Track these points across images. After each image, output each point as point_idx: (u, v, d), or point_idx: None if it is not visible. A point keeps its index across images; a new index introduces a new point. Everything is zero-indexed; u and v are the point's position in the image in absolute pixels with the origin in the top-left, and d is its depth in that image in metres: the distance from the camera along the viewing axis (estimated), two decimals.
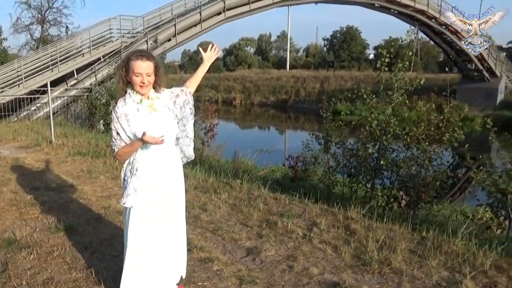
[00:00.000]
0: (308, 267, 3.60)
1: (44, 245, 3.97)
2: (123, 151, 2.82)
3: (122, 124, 2.76)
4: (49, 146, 9.39)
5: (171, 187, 2.92)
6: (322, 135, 7.42)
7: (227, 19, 22.34)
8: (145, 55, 2.78)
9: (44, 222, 4.64)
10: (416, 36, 49.22)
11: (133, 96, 2.81)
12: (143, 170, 2.81)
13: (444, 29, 30.76)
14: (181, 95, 3.00)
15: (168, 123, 2.88)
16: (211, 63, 3.26)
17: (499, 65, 34.72)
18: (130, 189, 2.80)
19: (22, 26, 35.19)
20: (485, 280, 3.46)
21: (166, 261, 2.93)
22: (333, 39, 69.06)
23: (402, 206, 6.15)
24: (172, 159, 2.96)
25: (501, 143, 6.20)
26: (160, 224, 2.87)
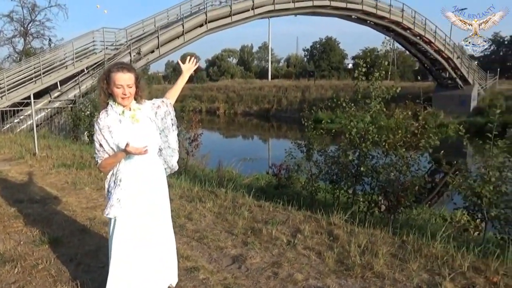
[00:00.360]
0: (293, 273, 3.60)
1: (28, 258, 3.87)
2: (107, 163, 2.79)
3: (105, 135, 2.75)
4: (33, 159, 9.20)
5: (155, 197, 2.90)
6: (304, 143, 7.45)
7: (209, 31, 22.43)
8: (126, 67, 2.78)
9: (28, 235, 4.53)
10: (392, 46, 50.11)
11: (115, 107, 2.80)
12: (126, 180, 2.80)
13: (419, 40, 31.51)
14: (162, 106, 2.99)
15: (151, 133, 2.87)
16: (190, 74, 3.29)
17: (471, 73, 35.57)
18: (114, 200, 2.78)
19: (4, 39, 34.67)
20: (463, 281, 3.49)
21: (150, 271, 2.90)
22: (313, 50, 69.81)
23: (382, 211, 6.21)
24: (155, 169, 2.94)
25: (475, 148, 6.30)
26: (144, 234, 2.85)
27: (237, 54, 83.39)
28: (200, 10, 22.23)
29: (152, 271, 2.91)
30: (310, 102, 29.23)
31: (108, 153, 2.77)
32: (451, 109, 33.08)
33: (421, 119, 6.45)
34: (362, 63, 6.79)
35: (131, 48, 19.70)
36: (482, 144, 5.38)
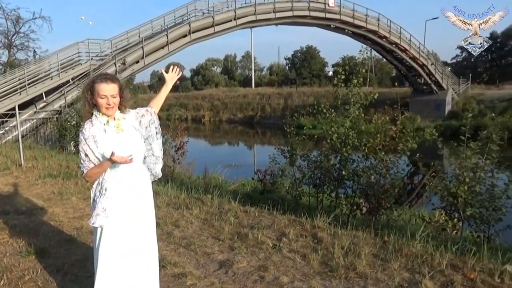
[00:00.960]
0: (279, 276, 3.59)
1: (14, 270, 3.78)
2: (92, 172, 2.75)
3: (90, 145, 2.72)
4: (19, 170, 8.99)
5: (140, 205, 2.87)
6: (288, 149, 7.47)
7: (193, 41, 22.43)
8: (109, 77, 2.76)
9: (14, 246, 4.42)
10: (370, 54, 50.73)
11: (100, 117, 2.77)
12: (112, 189, 2.77)
13: (394, 47, 32.09)
14: (146, 115, 2.98)
15: (135, 142, 2.85)
16: (174, 83, 3.27)
17: (445, 79, 36.40)
18: (99, 209, 2.74)
19: None
20: (442, 278, 3.53)
21: (136, 279, 2.86)
22: (294, 58, 70.26)
23: (364, 213, 6.25)
24: (140, 177, 2.91)
25: (450, 151, 6.37)
26: (130, 242, 2.81)
27: (221, 63, 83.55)
28: (184, 21, 22.26)
29: (138, 278, 2.87)
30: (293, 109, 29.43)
31: (93, 162, 2.74)
32: (427, 113, 33.63)
33: (398, 124, 6.53)
34: (341, 71, 6.86)
35: (116, 58, 19.57)
36: (457, 146, 5.46)
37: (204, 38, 23.00)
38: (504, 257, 3.96)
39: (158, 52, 21.17)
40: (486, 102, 33.94)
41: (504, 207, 5.14)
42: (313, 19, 28.16)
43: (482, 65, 59.68)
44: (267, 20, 26.07)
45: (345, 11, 28.92)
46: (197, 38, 22.47)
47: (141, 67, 20.81)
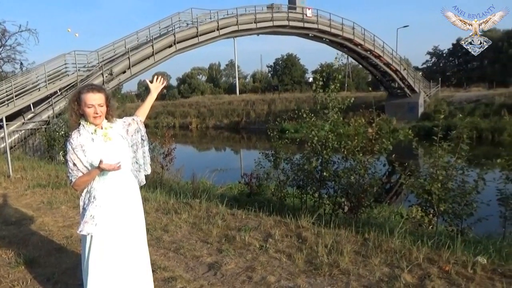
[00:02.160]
0: (266, 276, 3.58)
1: (4, 281, 3.67)
2: (81, 181, 2.71)
3: (78, 154, 2.68)
4: (7, 181, 8.73)
5: (129, 212, 2.83)
6: (272, 153, 7.47)
7: (178, 51, 22.36)
8: (96, 87, 2.75)
9: (3, 257, 4.29)
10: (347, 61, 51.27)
11: (87, 127, 2.74)
12: (101, 197, 2.73)
13: (369, 54, 32.69)
14: (132, 123, 2.97)
15: (123, 150, 2.83)
16: (159, 92, 3.28)
17: (417, 83, 37.17)
18: (88, 217, 2.70)
19: None
20: (420, 272, 3.57)
21: (129, 285, 2.82)
22: (276, 66, 70.58)
23: (346, 212, 6.28)
24: (129, 184, 2.88)
25: (424, 150, 6.47)
26: (121, 249, 2.77)
27: (206, 72, 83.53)
28: (169, 32, 22.20)
29: (131, 284, 2.83)
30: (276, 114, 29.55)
31: (82, 171, 2.70)
32: (402, 116, 34.29)
33: (374, 126, 6.59)
34: (319, 77, 6.92)
35: (103, 69, 19.35)
36: (430, 146, 5.55)
37: (189, 48, 22.97)
38: (476, 249, 4.04)
39: (144, 62, 21.04)
40: (455, 103, 34.77)
41: (475, 202, 5.26)
42: (292, 28, 28.47)
43: (450, 69, 61.21)
44: (249, 30, 26.22)
45: (322, 21, 29.32)
46: (182, 48, 22.43)
47: (128, 77, 20.65)
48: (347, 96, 6.97)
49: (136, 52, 20.64)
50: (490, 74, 50.12)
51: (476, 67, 56.76)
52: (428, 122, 30.66)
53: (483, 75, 51.08)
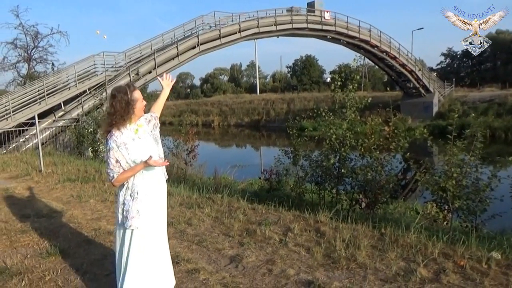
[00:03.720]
0: (285, 269, 3.56)
1: (35, 271, 3.71)
2: (123, 177, 2.74)
3: (122, 152, 2.72)
4: (39, 175, 8.84)
5: (163, 206, 2.91)
6: (291, 150, 7.45)
7: (201, 52, 22.49)
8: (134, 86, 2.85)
9: (35, 248, 4.34)
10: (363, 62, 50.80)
11: (129, 126, 2.80)
12: (143, 193, 2.77)
13: (385, 55, 32.43)
14: (151, 120, 3.00)
15: (152, 145, 2.87)
16: (170, 88, 3.33)
17: (432, 83, 36.69)
18: (134, 212, 2.73)
19: (8, 65, 33.64)
20: (435, 266, 3.52)
21: (159, 275, 2.86)
22: (295, 66, 70.35)
23: (363, 208, 6.23)
24: (162, 179, 2.94)
25: (439, 148, 6.39)
26: (157, 241, 2.83)
27: (227, 72, 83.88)
28: (192, 34, 22.34)
29: (160, 275, 2.87)
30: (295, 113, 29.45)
31: (124, 168, 2.73)
32: (417, 115, 33.87)
33: (391, 125, 6.52)
34: (337, 77, 6.87)
35: (130, 69, 19.60)
36: (444, 144, 5.48)
37: (211, 49, 23.10)
38: (490, 244, 3.98)
39: (169, 63, 21.22)
40: (469, 103, 34.20)
41: (489, 198, 5.17)
42: (311, 30, 28.38)
43: (464, 70, 60.43)
44: (269, 32, 26.21)
45: (340, 23, 29.13)
46: (205, 49, 22.56)
47: (153, 77, 20.82)
48: (364, 96, 6.90)
49: (162, 53, 20.83)
50: (503, 74, 49.41)
51: (489, 68, 56.05)
52: (442, 121, 30.27)
53: (496, 75, 50.35)
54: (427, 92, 35.86)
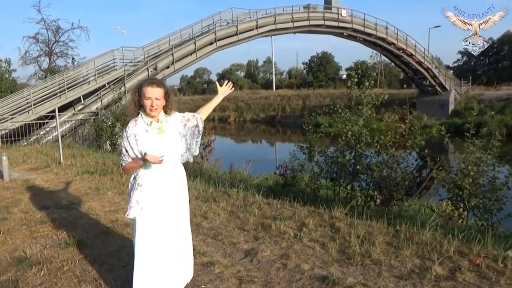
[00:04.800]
0: (300, 264, 3.54)
1: (54, 261, 3.74)
2: (129, 167, 2.78)
3: (131, 143, 2.74)
4: (58, 167, 8.96)
5: (173, 200, 2.85)
6: (306, 145, 7.42)
7: (219, 48, 22.48)
8: (156, 82, 2.78)
9: (54, 238, 4.39)
10: (380, 59, 50.30)
11: (144, 118, 2.78)
12: (146, 184, 2.78)
13: (402, 53, 32.10)
14: (192, 120, 2.98)
15: (174, 144, 2.85)
16: (224, 96, 3.28)
17: (448, 81, 36.18)
18: (133, 202, 2.77)
19: (30, 59, 34.24)
20: (450, 264, 3.47)
21: (171, 268, 2.85)
22: (311, 63, 69.87)
23: (378, 204, 6.18)
24: (175, 174, 2.89)
25: (455, 146, 6.33)
26: (165, 235, 2.80)
27: (244, 68, 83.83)
28: (210, 30, 22.32)
29: (173, 268, 2.86)
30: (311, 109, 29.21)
31: (131, 158, 2.76)
32: (433, 112, 33.45)
33: (407, 122, 6.47)
34: (354, 74, 6.82)
35: (148, 64, 19.68)
36: (462, 142, 5.41)
37: (228, 45, 23.08)
38: (507, 243, 3.93)
39: (186, 58, 21.26)
40: (485, 101, 33.56)
41: (505, 197, 5.14)
42: (327, 27, 28.19)
43: (481, 68, 59.29)
44: (286, 29, 26.07)
45: (357, 21, 28.91)
46: (222, 45, 22.54)
47: (171, 72, 20.91)
48: (380, 93, 6.83)
49: (179, 48, 20.88)
50: None
51: (506, 66, 54.76)
52: (458, 119, 29.77)
53: None
54: (443, 90, 35.38)
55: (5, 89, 25.77)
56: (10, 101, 17.22)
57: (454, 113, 34.00)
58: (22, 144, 14.56)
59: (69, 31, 34.43)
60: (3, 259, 3.85)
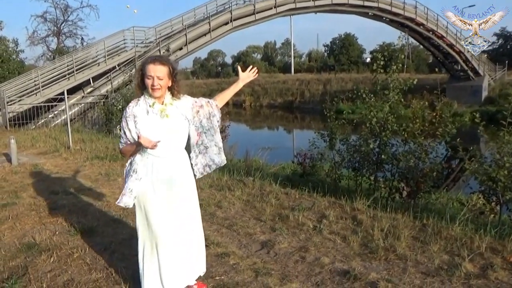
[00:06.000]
0: (320, 257, 3.55)
1: (64, 248, 3.81)
2: (126, 149, 2.73)
3: (129, 124, 2.67)
4: (67, 152, 9.12)
5: (172, 191, 2.75)
6: (327, 133, 7.37)
7: (234, 29, 22.37)
8: (159, 59, 2.67)
9: (63, 225, 4.47)
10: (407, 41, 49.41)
11: (147, 99, 2.70)
12: (141, 172, 2.70)
13: (431, 35, 31.40)
14: (206, 106, 2.87)
15: (178, 131, 2.74)
16: (245, 83, 3.17)
17: (481, 65, 35.27)
18: (126, 189, 2.72)
19: (38, 39, 34.74)
20: (482, 261, 3.44)
21: (179, 262, 2.80)
22: (333, 45, 68.97)
23: (403, 197, 6.13)
24: (174, 164, 2.76)
25: (489, 136, 6.22)
26: (167, 225, 2.73)
27: (261, 50, 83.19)
28: (226, 9, 22.19)
29: (183, 258, 2.82)
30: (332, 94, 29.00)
31: (129, 140, 2.69)
32: (464, 99, 32.79)
33: (438, 109, 6.36)
34: (380, 57, 6.72)
35: (160, 45, 19.72)
36: (497, 131, 5.31)
37: (245, 25, 22.92)
38: None
39: (200, 39, 21.22)
40: None
41: None
42: (351, 6, 27.66)
43: None
44: (306, 8, 25.68)
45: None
46: (238, 25, 22.41)
47: (184, 53, 20.92)
48: (408, 77, 6.71)
49: (193, 29, 20.83)
50: None
51: None
52: (491, 107, 29.18)
53: None
54: (476, 75, 34.58)
55: (12, 70, 26.19)
56: (18, 82, 17.44)
57: (487, 100, 33.29)
58: (30, 128, 14.88)
59: (78, 9, 34.82)
60: (12, 245, 3.95)
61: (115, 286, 3.15)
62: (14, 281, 3.17)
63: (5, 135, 11.49)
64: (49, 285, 3.17)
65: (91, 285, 3.16)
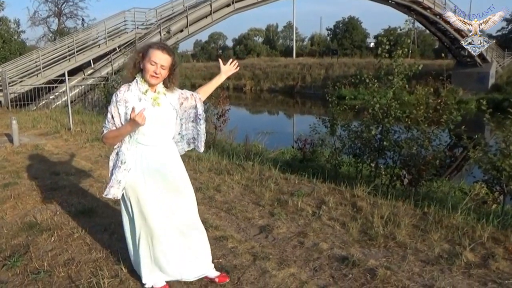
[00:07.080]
0: (318, 243, 3.56)
1: (64, 228, 3.89)
2: (110, 135, 2.63)
3: (120, 109, 2.59)
4: (68, 133, 9.25)
5: (163, 182, 2.71)
6: (328, 118, 7.34)
7: (236, 11, 22.13)
8: (167, 48, 2.62)
9: (64, 205, 4.54)
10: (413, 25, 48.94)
11: (140, 84, 2.63)
12: (130, 162, 2.66)
13: (439, 19, 30.93)
14: (190, 99, 2.84)
15: (168, 120, 2.71)
16: (227, 76, 3.11)
17: (489, 51, 34.74)
18: (114, 181, 2.66)
19: (39, 19, 34.71)
20: (483, 251, 3.44)
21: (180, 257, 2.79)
22: (336, 29, 68.42)
23: (404, 184, 6.13)
24: (163, 154, 2.72)
25: (494, 124, 6.18)
26: (164, 213, 2.71)
27: (263, 33, 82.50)
28: None
29: (180, 250, 2.80)
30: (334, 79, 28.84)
31: (116, 126, 2.61)
32: (470, 86, 32.50)
33: (443, 96, 6.32)
34: (385, 41, 6.66)
35: (161, 27, 19.58)
36: (504, 119, 5.27)
37: (247, 7, 22.67)
38: None
39: (201, 21, 21.04)
40: None
41: None
42: None
43: None
44: None
45: None
46: (240, 7, 22.17)
47: (185, 36, 20.80)
48: (414, 62, 6.64)
49: (194, 10, 20.62)
50: None
51: None
52: (498, 94, 28.98)
53: None
54: (484, 61, 34.20)
55: (14, 51, 26.13)
56: (19, 63, 17.46)
57: (494, 87, 33.04)
58: (31, 109, 14.96)
59: None
60: (14, 224, 4.03)
61: (115, 266, 3.18)
62: (16, 259, 3.25)
63: (7, 115, 11.55)
64: (50, 263, 3.23)
65: (91, 264, 3.21)
